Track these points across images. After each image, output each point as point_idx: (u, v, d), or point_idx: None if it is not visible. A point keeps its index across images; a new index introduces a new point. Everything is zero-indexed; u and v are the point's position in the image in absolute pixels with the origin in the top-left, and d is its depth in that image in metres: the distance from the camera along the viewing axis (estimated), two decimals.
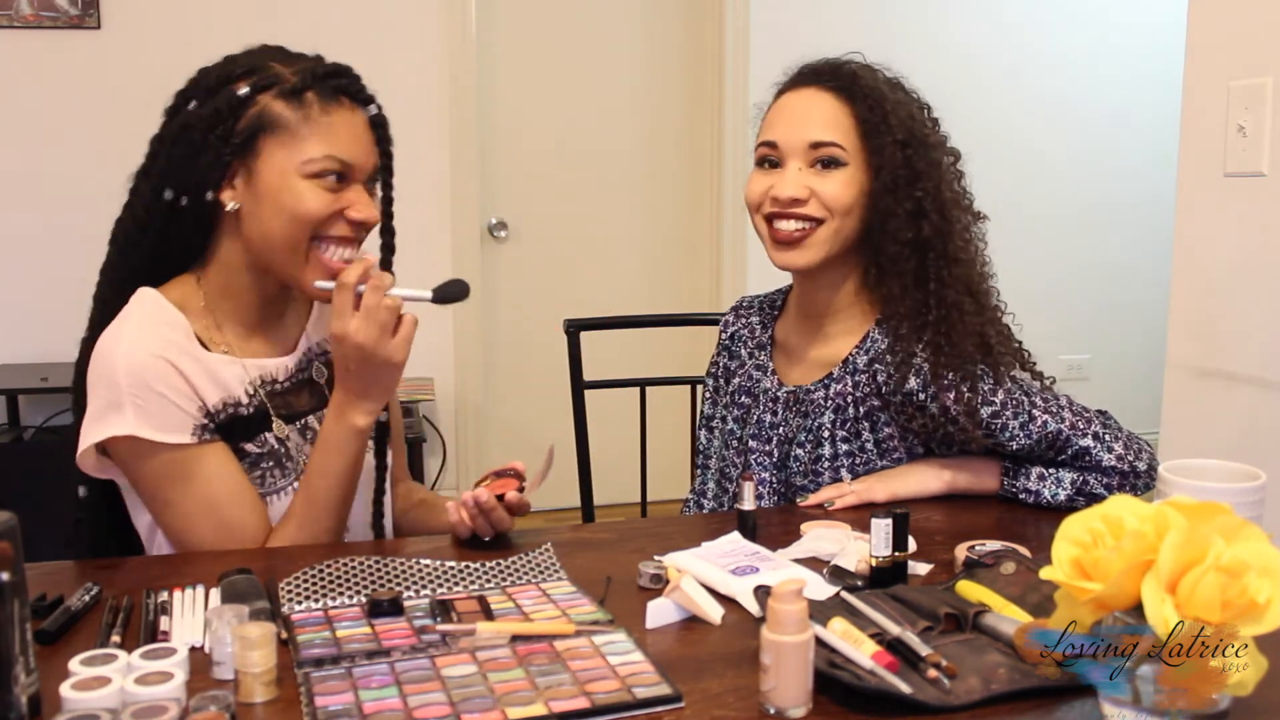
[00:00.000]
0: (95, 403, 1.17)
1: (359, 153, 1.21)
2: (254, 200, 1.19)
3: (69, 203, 3.18)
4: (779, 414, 1.40)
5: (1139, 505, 0.75)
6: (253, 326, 1.28)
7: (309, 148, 1.17)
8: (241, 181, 1.19)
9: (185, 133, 1.19)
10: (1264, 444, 1.61)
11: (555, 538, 1.19)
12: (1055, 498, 1.30)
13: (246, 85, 1.18)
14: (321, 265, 1.21)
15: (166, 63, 1.27)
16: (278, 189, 1.18)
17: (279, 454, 1.26)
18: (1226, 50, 1.67)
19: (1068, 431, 1.29)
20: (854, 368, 1.35)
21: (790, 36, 1.57)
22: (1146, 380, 3.26)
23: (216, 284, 1.25)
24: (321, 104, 1.19)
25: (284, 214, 1.18)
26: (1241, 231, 1.66)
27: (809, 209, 1.31)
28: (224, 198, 1.20)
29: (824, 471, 1.35)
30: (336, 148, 1.19)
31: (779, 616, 0.79)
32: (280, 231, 1.19)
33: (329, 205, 1.19)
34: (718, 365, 1.54)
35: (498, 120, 3.64)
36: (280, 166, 1.17)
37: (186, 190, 1.20)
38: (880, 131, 1.31)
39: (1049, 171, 4.14)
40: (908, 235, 1.31)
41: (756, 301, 1.55)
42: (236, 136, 1.18)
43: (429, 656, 0.88)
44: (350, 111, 1.21)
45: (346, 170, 1.20)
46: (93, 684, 0.79)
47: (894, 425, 1.34)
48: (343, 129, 1.20)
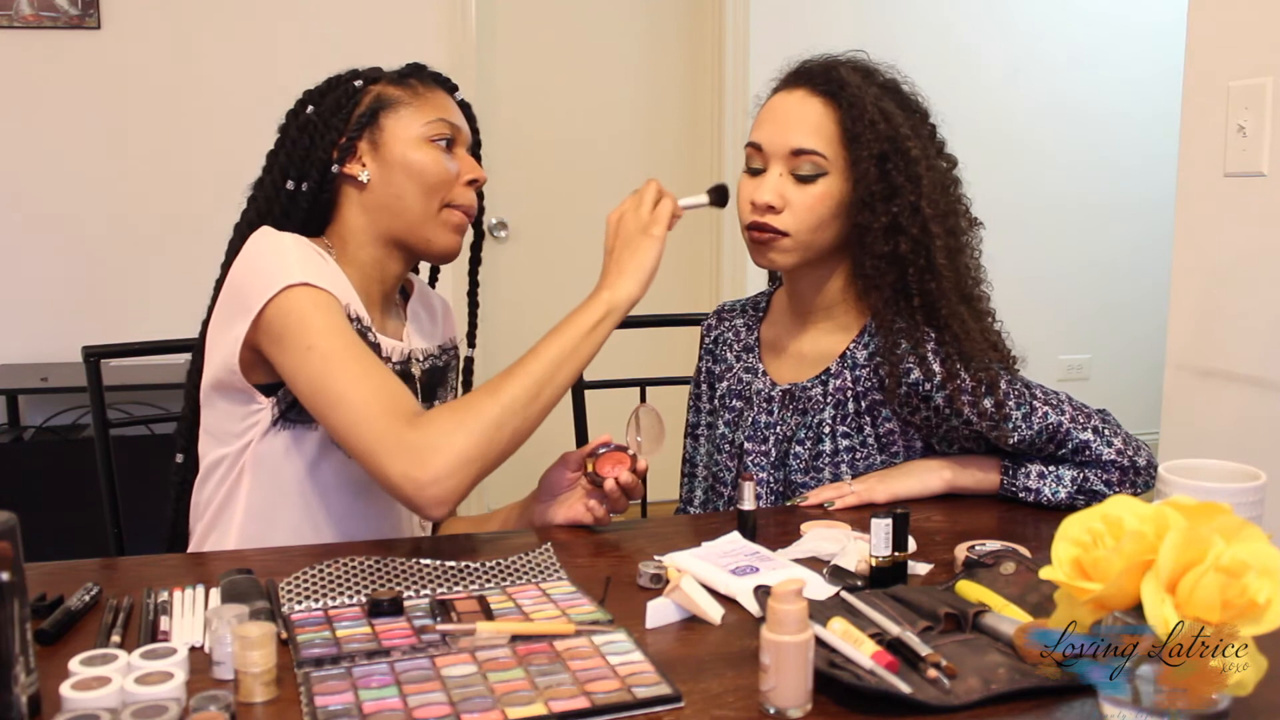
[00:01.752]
0: (256, 276, 1.19)
1: (460, 122, 1.36)
2: (383, 169, 1.30)
3: (69, 203, 3.18)
4: (774, 413, 1.40)
5: (1139, 505, 0.75)
6: (372, 303, 1.34)
7: (424, 114, 1.32)
8: (368, 155, 1.31)
9: (306, 128, 1.32)
10: (1264, 444, 1.61)
11: (555, 538, 1.19)
12: (1056, 496, 1.30)
13: (360, 80, 1.34)
14: (451, 223, 1.33)
15: (166, 63, 1.29)
16: (404, 153, 1.30)
17: None
18: (1226, 50, 1.67)
19: (1068, 424, 1.29)
20: (853, 362, 1.35)
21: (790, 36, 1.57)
22: (1146, 380, 3.26)
23: (343, 254, 1.32)
24: (424, 85, 1.35)
25: (414, 175, 1.30)
26: (1241, 231, 1.66)
27: (779, 221, 1.31)
28: (351, 170, 1.31)
29: (824, 468, 1.35)
30: (445, 114, 1.33)
31: (779, 616, 0.79)
32: (412, 193, 1.30)
33: (447, 167, 1.31)
34: (701, 371, 1.53)
35: (498, 120, 3.64)
36: (403, 134, 1.31)
37: (309, 174, 1.30)
38: (860, 143, 1.29)
39: (1049, 171, 4.14)
40: (884, 249, 1.30)
41: (739, 305, 1.55)
42: (358, 118, 1.31)
43: (429, 656, 0.88)
44: (446, 95, 1.37)
45: (455, 135, 1.34)
46: (93, 684, 0.79)
47: (896, 419, 1.34)
48: (444, 103, 1.35)
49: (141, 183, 3.21)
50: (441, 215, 1.32)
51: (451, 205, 1.32)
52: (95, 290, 3.22)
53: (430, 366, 1.41)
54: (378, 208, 1.31)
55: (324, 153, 1.30)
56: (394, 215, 1.31)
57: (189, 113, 3.21)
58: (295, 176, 1.30)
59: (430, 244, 1.33)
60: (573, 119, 3.72)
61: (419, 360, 1.39)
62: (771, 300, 1.51)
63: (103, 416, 1.58)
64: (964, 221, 1.37)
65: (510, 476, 4.11)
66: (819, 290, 1.39)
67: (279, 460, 1.25)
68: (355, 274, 1.31)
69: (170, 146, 3.22)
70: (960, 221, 1.36)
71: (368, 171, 1.31)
